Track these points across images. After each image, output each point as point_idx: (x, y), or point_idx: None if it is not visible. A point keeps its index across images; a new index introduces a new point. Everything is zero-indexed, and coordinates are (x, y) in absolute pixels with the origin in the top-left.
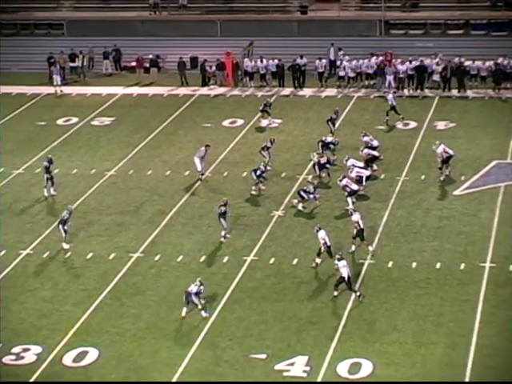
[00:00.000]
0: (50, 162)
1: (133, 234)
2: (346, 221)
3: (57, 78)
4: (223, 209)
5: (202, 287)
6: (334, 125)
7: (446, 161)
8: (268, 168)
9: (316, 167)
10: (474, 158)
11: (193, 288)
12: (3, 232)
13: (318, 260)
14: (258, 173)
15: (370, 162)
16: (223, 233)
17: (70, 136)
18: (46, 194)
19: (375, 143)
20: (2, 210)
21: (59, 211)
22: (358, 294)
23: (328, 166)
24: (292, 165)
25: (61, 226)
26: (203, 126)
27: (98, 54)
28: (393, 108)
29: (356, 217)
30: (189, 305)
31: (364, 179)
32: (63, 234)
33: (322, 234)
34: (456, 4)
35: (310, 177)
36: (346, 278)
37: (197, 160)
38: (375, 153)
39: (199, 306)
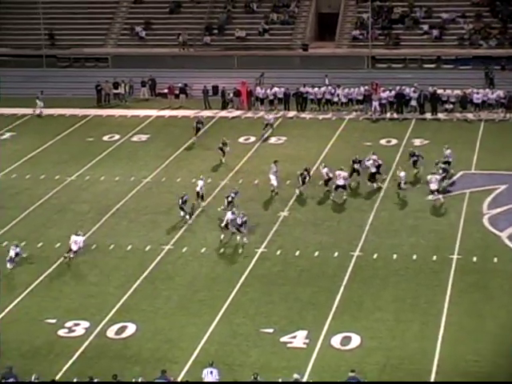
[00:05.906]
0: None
1: (165, 230)
2: (338, 218)
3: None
4: (183, 199)
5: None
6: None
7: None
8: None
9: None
10: None
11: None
12: (58, 228)
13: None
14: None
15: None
16: (188, 216)
17: (113, 150)
18: None
19: (380, 161)
20: (58, 210)
21: (104, 211)
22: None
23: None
24: (296, 174)
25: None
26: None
27: (137, 83)
28: (270, 124)
29: (228, 215)
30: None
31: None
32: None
33: (326, 170)
34: (430, 43)
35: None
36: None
37: (272, 177)
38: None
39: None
